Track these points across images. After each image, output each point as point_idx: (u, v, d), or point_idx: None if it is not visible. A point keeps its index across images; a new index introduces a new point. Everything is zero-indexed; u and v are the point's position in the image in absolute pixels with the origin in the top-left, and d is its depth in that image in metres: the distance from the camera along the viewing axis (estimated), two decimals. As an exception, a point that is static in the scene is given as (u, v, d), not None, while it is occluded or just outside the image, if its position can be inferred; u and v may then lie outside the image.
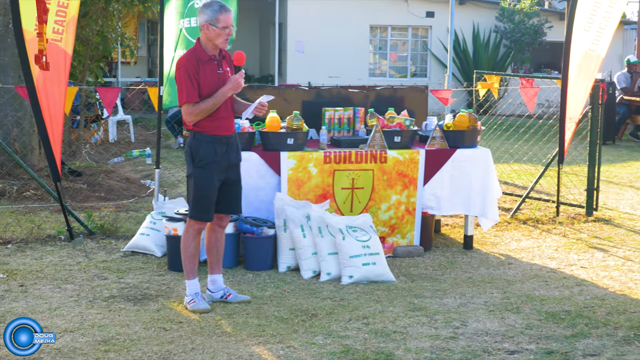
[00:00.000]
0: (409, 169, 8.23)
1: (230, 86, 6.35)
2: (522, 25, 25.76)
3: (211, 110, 6.33)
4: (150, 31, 27.80)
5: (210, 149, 6.38)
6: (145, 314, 6.38)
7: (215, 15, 6.30)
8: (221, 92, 6.32)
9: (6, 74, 11.62)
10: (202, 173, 6.41)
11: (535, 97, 10.79)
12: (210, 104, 6.30)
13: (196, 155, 6.40)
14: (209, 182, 6.42)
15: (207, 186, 6.42)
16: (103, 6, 13.74)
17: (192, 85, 6.28)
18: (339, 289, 7.15)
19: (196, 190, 6.44)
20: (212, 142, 6.39)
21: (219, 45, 6.39)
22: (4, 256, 8.13)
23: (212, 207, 6.50)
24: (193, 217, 6.52)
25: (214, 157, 6.39)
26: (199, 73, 6.31)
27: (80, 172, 12.45)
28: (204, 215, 6.50)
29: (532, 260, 8.33)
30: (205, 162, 6.38)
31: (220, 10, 6.31)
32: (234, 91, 6.39)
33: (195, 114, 6.32)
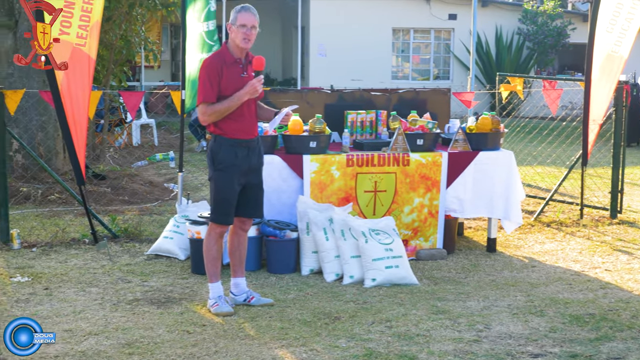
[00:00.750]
0: (432, 171, 8.22)
1: (247, 90, 6.35)
2: (545, 27, 25.67)
3: (225, 112, 6.34)
4: (174, 35, 27.92)
5: (230, 152, 6.40)
6: (169, 317, 6.41)
7: (236, 15, 6.38)
8: (237, 96, 6.33)
9: (31, 79, 11.71)
10: (222, 176, 6.43)
11: (558, 99, 10.74)
12: (224, 106, 6.32)
13: (216, 158, 6.43)
14: (229, 186, 6.44)
15: (227, 189, 6.44)
16: (126, 10, 13.82)
17: (211, 86, 6.31)
18: (362, 292, 7.15)
19: (216, 193, 6.47)
20: (232, 145, 6.41)
21: (238, 44, 6.40)
22: (29, 259, 8.18)
23: (232, 211, 6.51)
24: (214, 220, 6.54)
25: (234, 160, 6.41)
26: (221, 75, 6.34)
27: (104, 176, 12.51)
28: (224, 219, 6.52)
29: (555, 263, 8.29)
30: (225, 165, 6.40)
31: (240, 10, 6.39)
32: (250, 96, 6.39)
33: (208, 114, 6.35)
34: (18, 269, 7.82)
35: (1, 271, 7.73)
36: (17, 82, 11.62)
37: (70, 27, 7.90)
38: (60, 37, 7.84)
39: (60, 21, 7.85)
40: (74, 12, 7.93)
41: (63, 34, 7.87)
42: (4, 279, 7.48)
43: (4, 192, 8.85)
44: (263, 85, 6.51)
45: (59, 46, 7.83)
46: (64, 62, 7.70)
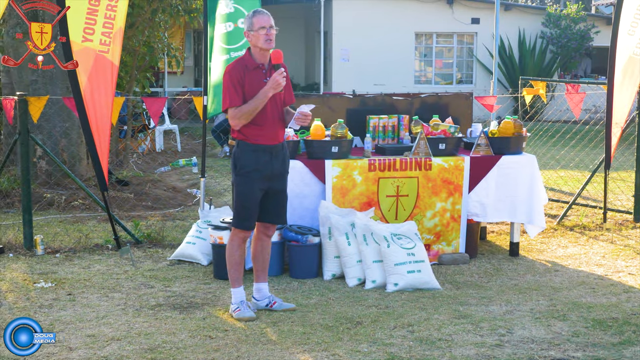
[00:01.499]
0: (454, 176, 8.20)
1: (270, 85, 6.36)
2: (569, 31, 25.56)
3: (254, 111, 6.35)
4: (197, 41, 28.01)
5: (252, 158, 6.42)
6: (191, 322, 6.42)
7: (250, 20, 6.40)
8: (262, 92, 6.35)
9: (54, 85, 11.79)
10: (244, 181, 6.45)
11: (581, 102, 10.69)
12: (252, 106, 6.33)
13: (238, 164, 6.45)
14: (250, 191, 6.45)
15: (248, 194, 6.45)
16: (149, 17, 13.90)
17: (236, 91, 6.34)
18: (384, 296, 7.15)
19: (237, 198, 6.49)
20: (254, 150, 6.43)
21: (262, 46, 6.41)
22: (53, 265, 8.23)
23: (253, 216, 6.53)
24: (236, 225, 6.56)
25: (256, 165, 6.42)
26: (244, 80, 6.36)
27: (128, 182, 12.57)
28: (245, 224, 6.53)
29: (579, 267, 8.25)
30: (246, 170, 6.42)
31: (253, 15, 6.42)
32: (274, 90, 6.38)
33: (238, 117, 6.37)
34: (42, 274, 7.87)
35: (25, 277, 7.78)
36: (41, 88, 11.71)
37: (93, 34, 7.95)
38: (84, 44, 7.90)
39: (83, 28, 7.91)
40: (97, 19, 7.98)
41: (86, 41, 7.92)
42: (27, 284, 7.53)
43: (28, 198, 8.91)
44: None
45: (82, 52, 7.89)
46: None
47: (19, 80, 11.92)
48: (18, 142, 8.97)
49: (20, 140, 8.91)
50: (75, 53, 7.91)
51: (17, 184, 11.43)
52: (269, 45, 6.42)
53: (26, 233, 8.85)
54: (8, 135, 12.64)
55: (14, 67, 11.87)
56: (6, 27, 11.81)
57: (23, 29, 11.69)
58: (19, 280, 7.68)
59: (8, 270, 8.04)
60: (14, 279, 7.72)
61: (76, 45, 7.91)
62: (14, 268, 8.11)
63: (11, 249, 8.77)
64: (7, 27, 11.81)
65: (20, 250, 8.74)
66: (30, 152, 9.12)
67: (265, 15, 6.42)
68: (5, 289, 7.38)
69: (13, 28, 11.80)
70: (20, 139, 8.91)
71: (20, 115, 8.88)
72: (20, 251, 8.71)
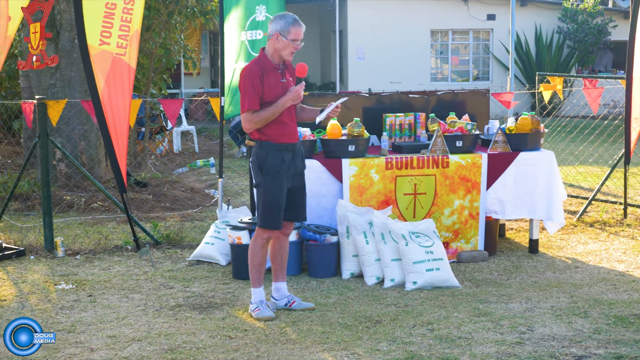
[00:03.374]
0: (472, 173, 8.19)
1: (290, 97, 6.39)
2: (586, 25, 25.44)
3: (270, 119, 6.38)
4: (213, 42, 28.08)
5: (277, 157, 6.44)
6: (211, 323, 6.45)
7: (288, 27, 6.36)
8: (281, 102, 6.38)
9: (73, 89, 11.84)
10: (272, 181, 6.46)
11: (599, 97, 10.63)
12: (269, 113, 6.36)
13: (264, 164, 6.46)
14: (279, 190, 6.47)
15: (277, 194, 6.47)
16: (166, 19, 13.94)
17: (255, 94, 6.35)
18: (403, 295, 7.14)
19: (266, 198, 6.49)
20: (279, 150, 6.45)
21: (284, 57, 6.45)
22: (73, 267, 8.28)
23: (281, 215, 6.54)
24: (262, 225, 6.56)
25: (282, 164, 6.45)
26: (263, 82, 6.38)
27: (146, 183, 12.61)
28: (274, 224, 6.54)
29: (599, 264, 8.21)
30: (274, 169, 6.44)
31: (293, 23, 6.38)
32: (293, 102, 6.43)
33: (254, 122, 6.39)
34: (62, 276, 7.91)
35: (46, 279, 7.83)
36: (60, 92, 11.77)
37: (110, 37, 7.99)
38: (101, 47, 7.94)
39: (100, 31, 7.95)
40: (114, 22, 8.01)
41: (103, 44, 7.96)
42: (48, 286, 7.58)
43: (48, 200, 8.96)
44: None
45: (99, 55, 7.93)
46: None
47: (38, 84, 11.99)
48: (38, 145, 9.03)
49: (39, 143, 8.97)
50: (93, 56, 7.95)
51: (37, 186, 11.50)
52: (290, 58, 6.47)
53: (47, 235, 8.90)
54: (28, 139, 12.73)
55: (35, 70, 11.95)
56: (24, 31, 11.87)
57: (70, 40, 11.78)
58: (40, 282, 7.73)
59: (29, 272, 8.09)
60: (35, 280, 7.77)
61: (93, 49, 7.95)
62: (35, 270, 8.17)
63: (32, 251, 8.83)
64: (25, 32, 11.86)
65: (41, 252, 8.80)
66: (49, 155, 9.18)
67: (302, 28, 6.43)
68: (27, 291, 7.43)
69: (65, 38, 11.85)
70: (40, 142, 8.96)
71: (40, 119, 8.94)
72: (41, 253, 8.77)
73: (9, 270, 8.19)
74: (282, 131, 6.47)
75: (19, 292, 7.41)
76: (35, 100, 9.08)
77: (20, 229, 9.82)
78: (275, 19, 6.46)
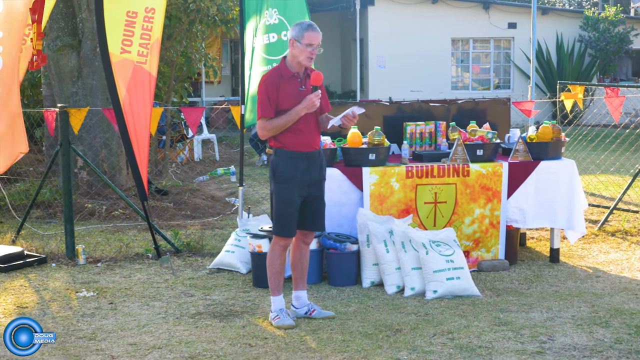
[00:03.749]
0: (492, 182, 8.17)
1: (305, 105, 6.40)
2: (607, 34, 25.35)
3: (284, 127, 6.39)
4: (234, 51, 28.14)
5: (290, 165, 6.45)
6: (231, 330, 6.46)
7: (302, 32, 6.38)
8: (295, 111, 6.39)
9: (94, 97, 11.91)
10: (282, 188, 6.48)
11: (621, 106, 10.58)
12: (283, 121, 6.38)
13: (277, 171, 6.49)
14: (289, 197, 6.48)
15: (287, 201, 6.48)
16: (187, 28, 14.00)
17: (269, 101, 6.37)
18: (423, 303, 7.13)
19: (277, 205, 6.52)
20: (292, 158, 6.46)
21: (302, 62, 6.46)
22: (94, 274, 8.31)
23: (293, 223, 6.55)
24: (277, 233, 6.58)
25: (294, 172, 6.45)
26: (279, 90, 6.39)
27: (167, 191, 12.66)
28: (286, 231, 6.55)
29: (621, 273, 8.17)
30: (285, 177, 6.45)
31: (307, 28, 6.40)
32: (307, 110, 6.43)
33: (267, 129, 6.41)
34: (83, 283, 7.95)
35: (67, 286, 7.87)
36: (81, 100, 11.84)
37: (131, 46, 8.02)
38: (122, 55, 7.98)
39: (121, 39, 7.99)
40: (135, 31, 8.05)
41: (124, 52, 7.99)
42: (70, 293, 7.61)
43: (70, 208, 9.01)
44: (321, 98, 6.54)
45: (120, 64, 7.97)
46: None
47: (60, 93, 12.06)
48: (59, 153, 9.09)
49: (61, 151, 9.02)
50: (114, 65, 7.98)
51: (59, 194, 11.57)
52: (309, 63, 6.48)
53: (68, 243, 8.95)
54: (50, 147, 12.80)
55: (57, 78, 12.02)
56: (47, 40, 11.96)
57: (63, 42, 11.86)
58: (61, 289, 7.77)
59: (51, 279, 8.14)
60: (57, 288, 7.81)
61: (115, 57, 7.98)
62: (56, 277, 8.21)
63: (53, 258, 8.88)
64: (47, 40, 11.96)
65: (62, 259, 8.85)
66: (71, 163, 9.23)
67: (318, 33, 6.44)
68: (48, 298, 7.47)
69: (54, 41, 11.95)
70: (62, 150, 9.02)
71: (62, 127, 9.00)
72: (62, 261, 8.81)
73: (31, 277, 8.23)
74: (297, 139, 6.48)
75: (40, 300, 7.45)
76: (57, 108, 9.14)
77: (42, 236, 9.88)
78: (293, 26, 6.50)
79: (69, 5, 11.99)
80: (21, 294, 7.65)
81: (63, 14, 11.96)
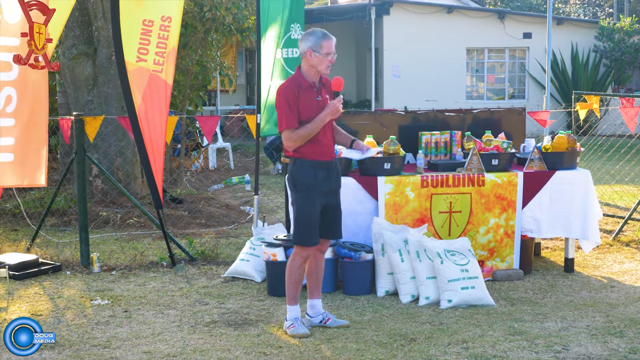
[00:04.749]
0: (507, 191, 8.16)
1: (329, 111, 6.42)
2: (623, 44, 25.31)
3: (310, 135, 6.40)
4: (249, 59, 28.21)
5: (310, 174, 6.46)
6: (246, 339, 6.46)
7: (319, 42, 6.40)
8: (319, 118, 6.40)
9: (110, 105, 11.96)
10: (304, 197, 6.48)
11: (637, 116, 10.55)
12: (309, 130, 6.39)
13: (297, 181, 6.49)
14: (311, 206, 6.48)
15: (309, 210, 6.48)
16: (202, 36, 14.04)
17: (292, 112, 6.38)
18: (438, 313, 7.12)
19: (299, 215, 6.51)
20: (312, 167, 6.47)
21: (321, 71, 6.48)
22: (109, 282, 8.33)
23: (316, 231, 6.54)
24: (298, 242, 6.57)
25: (315, 181, 6.46)
26: (298, 100, 6.40)
27: (182, 200, 12.68)
28: (309, 240, 6.54)
29: (635, 283, 8.14)
30: (306, 186, 6.46)
31: (323, 37, 6.42)
32: (332, 116, 6.45)
33: (294, 140, 6.41)
34: (98, 291, 7.97)
35: (82, 294, 7.89)
36: (97, 108, 11.89)
37: (147, 54, 8.05)
38: (138, 64, 8.00)
39: (137, 48, 8.02)
40: (151, 40, 8.08)
41: (140, 61, 8.02)
42: (84, 301, 7.63)
43: (84, 216, 9.04)
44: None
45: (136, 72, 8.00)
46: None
47: (75, 101, 12.12)
48: (75, 161, 9.12)
49: (76, 159, 9.06)
50: (130, 73, 8.01)
51: (74, 202, 11.61)
52: (327, 71, 6.49)
53: (83, 251, 8.98)
54: (65, 155, 12.86)
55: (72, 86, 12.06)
56: (62, 48, 12.02)
57: (79, 50, 11.91)
58: (76, 297, 7.79)
59: (65, 287, 8.16)
60: (71, 296, 7.84)
61: (130, 65, 8.01)
62: (71, 285, 8.24)
63: (68, 266, 8.91)
64: (63, 48, 12.02)
65: (77, 267, 8.87)
66: (86, 171, 9.27)
67: (333, 40, 6.48)
68: (63, 306, 7.49)
69: (69, 49, 12.01)
70: (77, 158, 9.05)
71: (77, 135, 9.03)
72: (77, 269, 8.84)
73: (45, 285, 8.26)
74: (316, 149, 6.49)
75: (55, 307, 7.47)
76: (72, 116, 9.18)
77: (57, 244, 9.92)
78: (305, 37, 6.49)
79: (84, 14, 12.05)
80: (36, 301, 7.67)
81: (79, 22, 12.01)
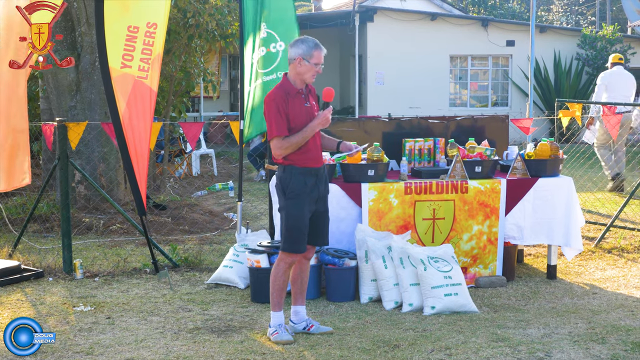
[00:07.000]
0: (491, 198, 8.19)
1: (319, 121, 6.43)
2: (605, 52, 25.43)
3: (300, 144, 6.41)
4: (232, 66, 28.21)
5: (300, 181, 6.46)
6: (229, 346, 6.45)
7: (310, 51, 6.41)
8: (310, 127, 6.41)
9: (93, 111, 11.92)
10: (293, 204, 6.48)
11: (619, 124, 10.62)
12: (299, 138, 6.39)
13: (287, 187, 6.49)
14: (300, 213, 6.48)
15: (299, 217, 6.48)
16: (186, 42, 14.03)
17: (282, 119, 6.38)
18: (421, 319, 7.13)
19: (288, 221, 6.51)
20: (302, 174, 6.48)
21: (306, 80, 6.49)
22: (92, 289, 8.31)
23: (304, 238, 6.54)
24: (286, 249, 6.57)
25: (304, 188, 6.47)
26: (287, 107, 6.41)
27: (165, 206, 12.66)
28: (297, 247, 6.54)
29: (617, 290, 8.18)
30: (295, 193, 6.46)
31: (315, 47, 6.43)
32: (322, 126, 6.47)
33: (284, 148, 6.41)
34: (81, 298, 7.94)
35: (64, 300, 7.86)
36: (80, 114, 11.85)
37: (132, 61, 8.05)
38: (122, 70, 8.00)
39: (122, 54, 8.01)
40: (136, 46, 8.07)
41: (125, 67, 8.01)
42: (67, 308, 7.60)
43: (67, 222, 9.01)
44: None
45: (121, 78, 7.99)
46: (67, 59, 7.78)
47: (58, 106, 12.07)
48: (57, 167, 9.09)
49: (59, 165, 9.03)
50: (114, 79, 8.01)
51: (57, 208, 11.57)
52: (312, 80, 6.52)
53: (65, 257, 8.94)
54: (47, 161, 12.81)
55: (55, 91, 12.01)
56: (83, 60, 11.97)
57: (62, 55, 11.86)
58: (58, 304, 7.76)
59: (48, 294, 8.13)
60: (54, 302, 7.81)
61: (115, 72, 8.01)
62: (53, 292, 8.20)
63: (51, 273, 8.87)
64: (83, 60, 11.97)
65: (59, 274, 8.84)
66: (69, 177, 9.23)
67: (324, 52, 6.50)
68: (45, 313, 7.46)
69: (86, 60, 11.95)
70: (60, 164, 9.02)
71: (60, 141, 9.00)
72: (59, 275, 8.81)
73: (28, 291, 8.23)
74: (305, 156, 6.50)
75: (37, 314, 7.44)
76: (55, 122, 9.15)
77: (39, 250, 9.88)
78: (297, 43, 6.49)
79: (68, 19, 12.01)
80: (18, 308, 7.64)
81: (62, 27, 11.97)
